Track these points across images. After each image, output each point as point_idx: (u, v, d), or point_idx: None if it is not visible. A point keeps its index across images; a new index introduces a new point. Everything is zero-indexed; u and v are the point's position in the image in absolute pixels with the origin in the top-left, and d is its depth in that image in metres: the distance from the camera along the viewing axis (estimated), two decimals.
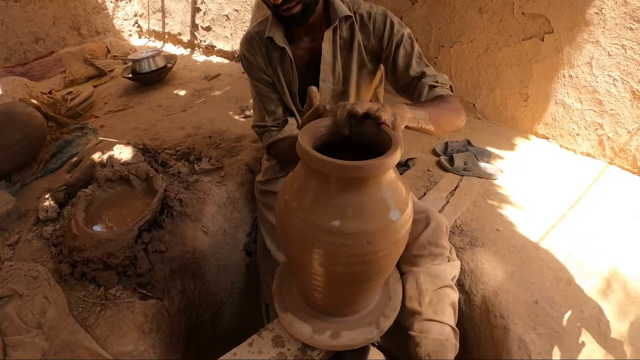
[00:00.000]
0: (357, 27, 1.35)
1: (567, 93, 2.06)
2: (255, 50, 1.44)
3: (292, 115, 1.52)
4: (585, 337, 1.23)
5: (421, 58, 1.32)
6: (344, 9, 1.31)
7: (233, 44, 3.87)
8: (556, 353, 1.20)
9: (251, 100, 2.75)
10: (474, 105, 2.49)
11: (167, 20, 4.52)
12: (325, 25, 1.34)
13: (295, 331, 1.03)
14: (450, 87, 1.28)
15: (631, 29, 1.76)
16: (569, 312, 1.28)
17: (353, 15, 1.34)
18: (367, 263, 0.86)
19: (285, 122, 1.49)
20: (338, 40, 1.36)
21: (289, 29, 1.38)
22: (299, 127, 1.54)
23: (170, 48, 4.57)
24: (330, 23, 1.32)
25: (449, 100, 1.20)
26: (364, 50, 1.38)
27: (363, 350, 1.29)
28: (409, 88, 1.33)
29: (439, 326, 1.09)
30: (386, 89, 1.61)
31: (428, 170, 1.97)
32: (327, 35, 1.33)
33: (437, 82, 1.26)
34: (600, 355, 1.20)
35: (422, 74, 1.29)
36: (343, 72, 1.41)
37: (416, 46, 1.33)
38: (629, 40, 1.78)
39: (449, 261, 1.20)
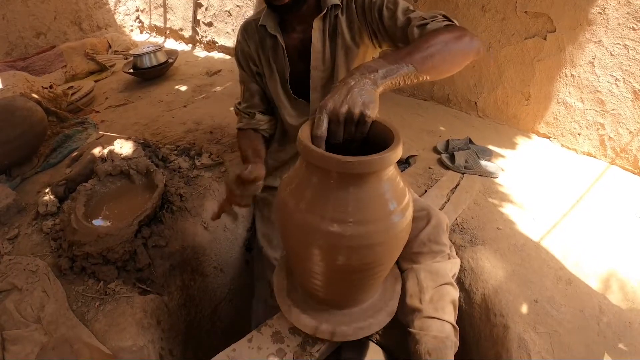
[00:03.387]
0: (340, 14, 1.33)
1: (569, 92, 2.05)
2: (250, 37, 1.47)
3: (270, 104, 1.57)
4: (585, 336, 1.23)
5: (407, 10, 1.19)
6: None
7: (234, 40, 3.85)
8: (556, 352, 1.20)
9: None
10: (475, 103, 2.49)
11: (168, 16, 4.51)
12: (317, 14, 1.33)
13: (297, 322, 1.03)
14: (445, 16, 1.11)
15: (634, 29, 1.76)
16: (569, 312, 1.28)
17: (341, 4, 1.32)
18: (367, 258, 0.86)
19: (254, 115, 1.54)
20: (327, 28, 1.35)
21: (283, 18, 1.39)
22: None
23: (171, 44, 4.56)
24: (321, 12, 1.32)
25: (441, 32, 1.01)
26: (350, 34, 1.35)
27: (362, 346, 1.29)
28: (405, 43, 1.17)
29: (439, 323, 1.08)
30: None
31: (429, 167, 1.97)
32: (317, 23, 1.33)
33: (424, 19, 1.11)
34: (599, 355, 1.20)
35: (408, 21, 1.15)
36: (331, 59, 1.40)
37: (401, 3, 1.20)
38: (632, 40, 1.78)
39: (449, 259, 1.20)
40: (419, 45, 0.95)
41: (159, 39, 4.73)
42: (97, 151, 1.93)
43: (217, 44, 4.08)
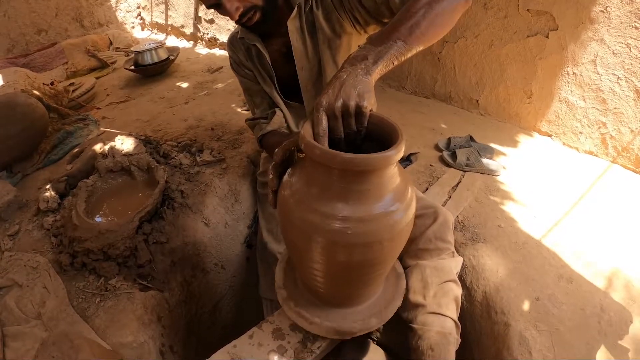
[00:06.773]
0: (314, 8, 1.29)
1: (571, 91, 2.05)
2: (237, 49, 1.47)
3: (277, 106, 1.53)
4: (586, 334, 1.23)
5: None
6: None
7: None
8: (557, 350, 1.20)
9: None
10: (477, 101, 2.48)
11: (170, 13, 4.50)
12: (290, 15, 1.30)
13: (297, 319, 1.03)
14: None
15: (636, 28, 1.75)
16: (570, 310, 1.28)
17: None
18: (368, 255, 0.85)
19: (274, 113, 1.50)
20: (305, 25, 1.32)
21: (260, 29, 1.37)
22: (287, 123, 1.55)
23: (173, 40, 4.55)
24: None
25: None
26: (329, 26, 1.31)
27: (362, 345, 1.29)
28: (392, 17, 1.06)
29: (442, 319, 1.09)
30: (390, 84, 1.59)
31: (430, 165, 1.97)
32: (292, 24, 1.30)
33: None
34: (601, 353, 1.20)
35: None
36: (315, 56, 1.38)
37: None
38: (634, 39, 1.77)
39: (453, 256, 1.20)
40: (402, 17, 0.90)
41: (160, 36, 4.72)
42: (98, 147, 1.93)
43: (218, 41, 4.07)
